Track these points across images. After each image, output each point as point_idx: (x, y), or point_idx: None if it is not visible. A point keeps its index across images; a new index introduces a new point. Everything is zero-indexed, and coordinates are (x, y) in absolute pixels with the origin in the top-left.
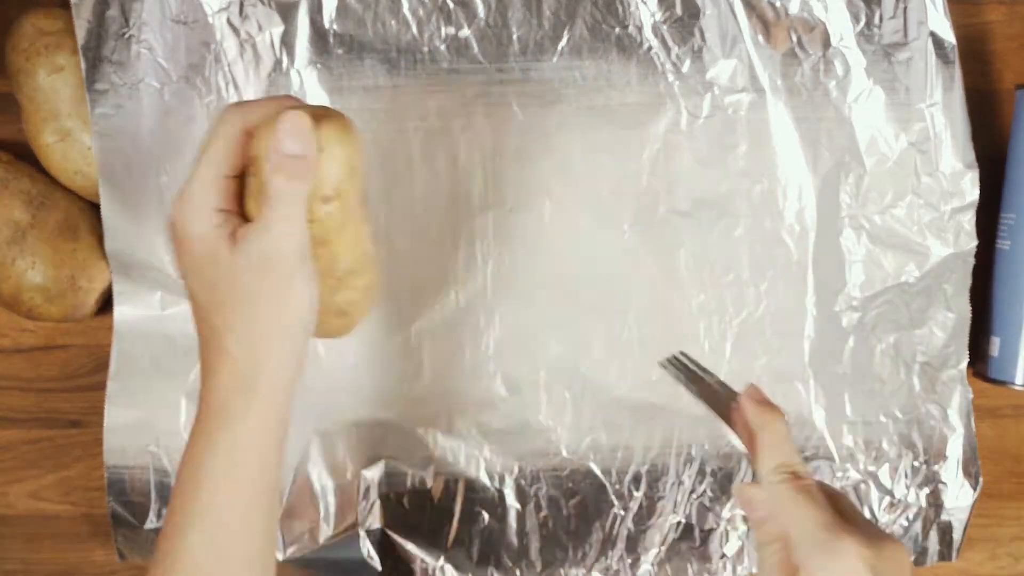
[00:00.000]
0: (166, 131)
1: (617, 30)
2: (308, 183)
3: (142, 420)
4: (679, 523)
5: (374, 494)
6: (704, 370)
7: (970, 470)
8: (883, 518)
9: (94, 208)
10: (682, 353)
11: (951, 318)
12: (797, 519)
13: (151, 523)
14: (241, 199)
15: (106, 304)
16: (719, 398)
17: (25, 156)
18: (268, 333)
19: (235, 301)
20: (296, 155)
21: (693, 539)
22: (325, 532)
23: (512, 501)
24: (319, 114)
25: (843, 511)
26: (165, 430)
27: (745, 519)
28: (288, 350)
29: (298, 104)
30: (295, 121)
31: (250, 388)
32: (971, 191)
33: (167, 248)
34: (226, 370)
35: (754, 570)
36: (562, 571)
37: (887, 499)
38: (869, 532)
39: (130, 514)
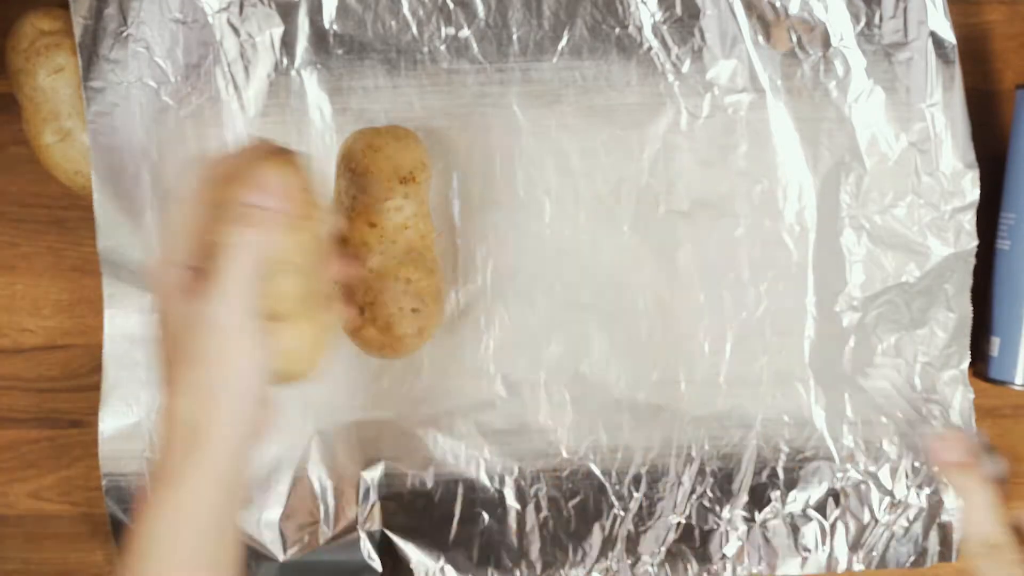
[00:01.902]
0: (163, 131)
1: (617, 30)
2: (267, 235)
3: (135, 425)
4: (679, 524)
5: (374, 495)
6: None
7: None
8: (883, 518)
9: None
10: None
11: (952, 318)
12: None
13: None
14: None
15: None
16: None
17: (25, 156)
18: (211, 394)
19: (183, 358)
20: (256, 205)
21: (693, 540)
22: (325, 533)
23: (512, 502)
24: (269, 158)
25: None
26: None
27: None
28: (234, 411)
29: (256, 144)
30: (255, 174)
31: (192, 450)
32: (971, 191)
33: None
34: (171, 429)
35: (754, 570)
36: (562, 572)
37: (887, 499)
38: None
39: (130, 520)
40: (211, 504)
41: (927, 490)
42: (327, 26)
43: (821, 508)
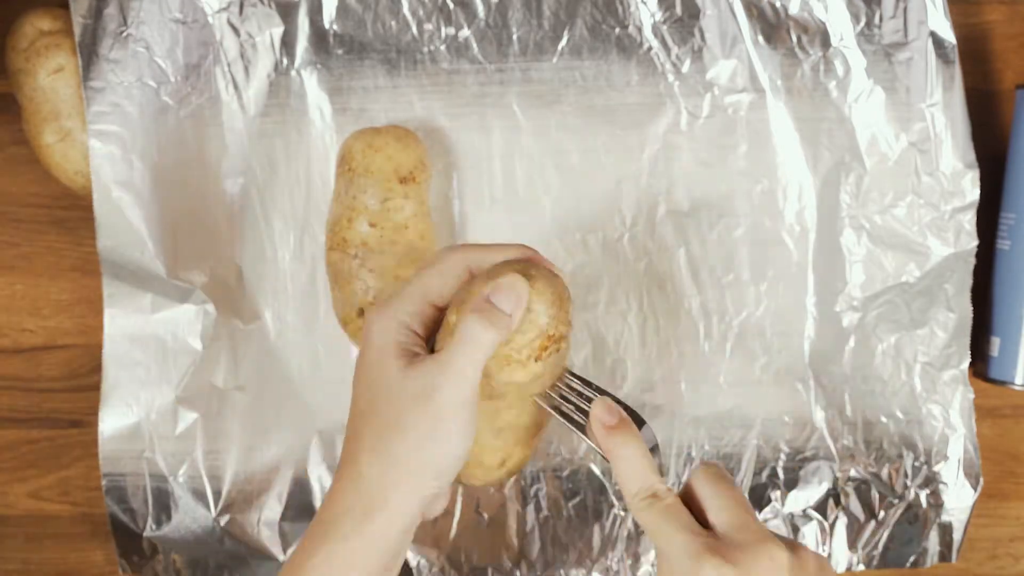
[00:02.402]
0: (163, 131)
1: (617, 30)
2: (501, 338)
3: (135, 426)
4: None
5: None
6: (584, 385)
7: (970, 470)
8: (883, 518)
9: None
10: (569, 373)
11: (952, 318)
12: (662, 547)
13: (150, 530)
14: (435, 334)
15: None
16: (582, 417)
17: (25, 156)
18: (406, 467)
19: (386, 422)
20: (501, 309)
21: None
22: None
23: (512, 502)
24: (538, 276)
25: (729, 515)
26: (160, 435)
27: None
28: (418, 490)
29: (528, 257)
30: (516, 280)
31: (366, 513)
32: (971, 191)
33: (160, 250)
34: (351, 486)
35: None
36: (562, 572)
37: (887, 499)
38: (738, 545)
39: (130, 521)
40: (367, 565)
41: (927, 490)
42: (327, 26)
43: (821, 508)
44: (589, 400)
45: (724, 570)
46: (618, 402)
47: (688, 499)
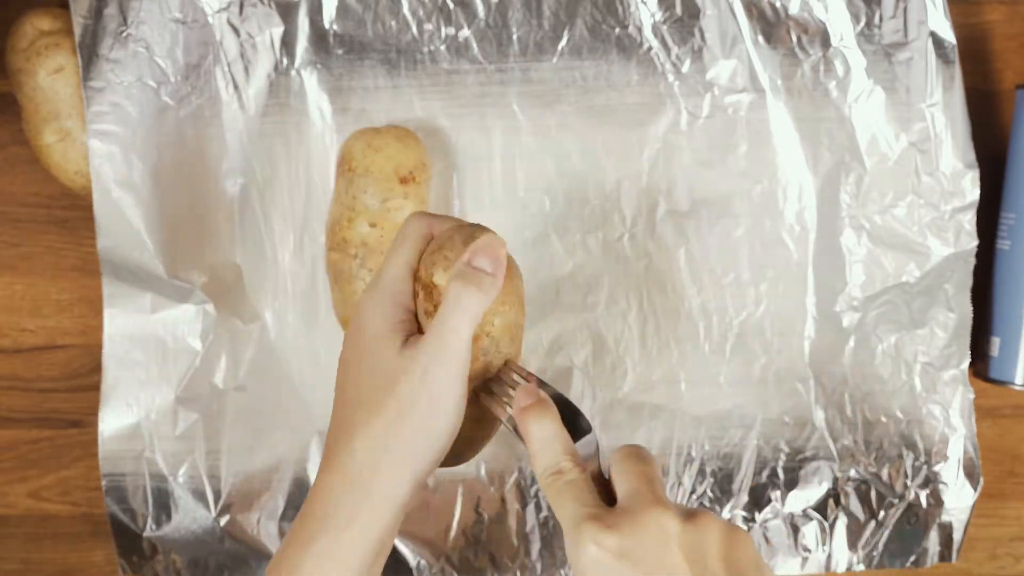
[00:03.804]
0: (163, 131)
1: (617, 30)
2: (489, 299)
3: (135, 426)
4: None
5: None
6: (524, 377)
7: (971, 470)
8: (883, 518)
9: None
10: (505, 364)
11: (952, 318)
12: (559, 520)
13: (150, 530)
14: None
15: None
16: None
17: (25, 156)
18: (405, 448)
19: (384, 406)
20: (484, 270)
21: None
22: None
23: (512, 502)
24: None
25: (621, 491)
26: (160, 435)
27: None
28: (410, 471)
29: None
30: (492, 240)
31: (360, 498)
32: (971, 191)
33: (160, 250)
34: (340, 471)
35: None
36: (562, 572)
37: (887, 499)
38: (625, 512)
39: (130, 521)
40: (361, 558)
41: (927, 490)
42: (327, 26)
43: (821, 508)
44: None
45: (601, 536)
46: (562, 399)
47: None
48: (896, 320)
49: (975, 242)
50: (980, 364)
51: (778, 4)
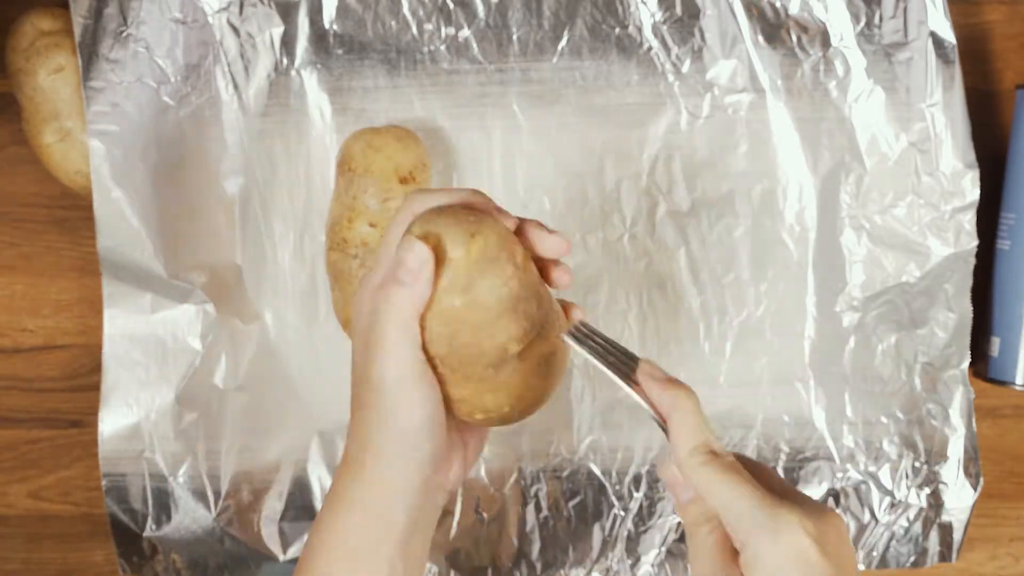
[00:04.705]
0: (163, 131)
1: (617, 30)
2: (418, 296)
3: (135, 426)
4: (679, 524)
5: None
6: (607, 340)
7: (971, 470)
8: (883, 518)
9: None
10: (583, 324)
11: (952, 318)
12: (731, 500)
13: (150, 530)
14: None
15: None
16: (626, 370)
17: (25, 156)
18: (378, 438)
19: (354, 397)
20: (409, 267)
21: None
22: None
23: (512, 502)
24: (458, 217)
25: (772, 484)
26: (160, 435)
27: None
28: (397, 453)
29: (468, 199)
30: (409, 243)
31: (356, 482)
32: (971, 191)
33: (160, 250)
34: (346, 453)
35: None
36: (562, 572)
37: (888, 499)
38: (805, 504)
39: (130, 521)
40: (368, 533)
41: (927, 490)
42: (327, 26)
43: None
44: (613, 351)
45: (806, 522)
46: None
47: None
48: (896, 320)
49: (975, 242)
50: (980, 364)
51: (778, 4)
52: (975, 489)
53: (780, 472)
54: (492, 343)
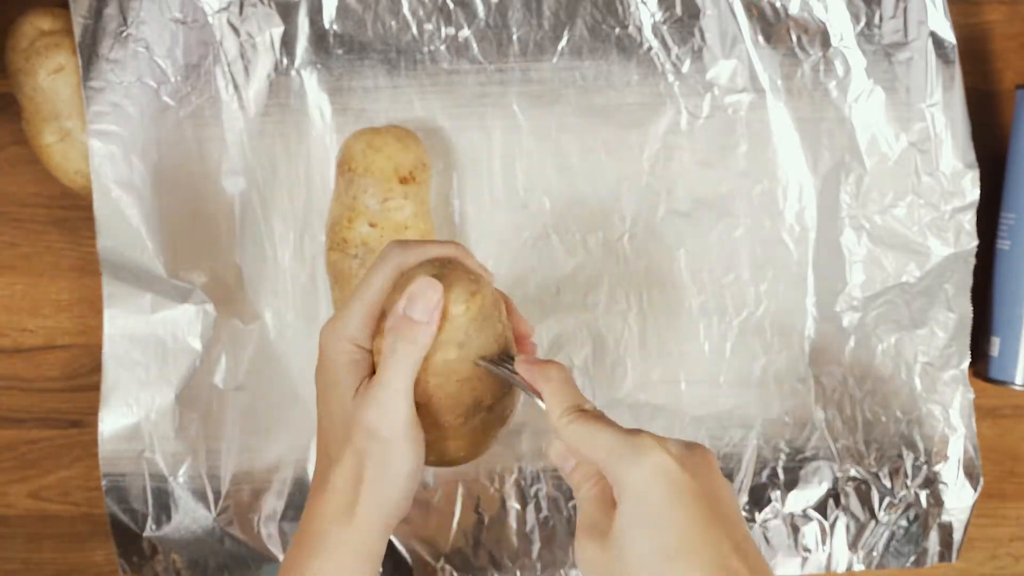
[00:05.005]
0: (163, 131)
1: (617, 30)
2: (422, 349)
3: (135, 426)
4: None
5: None
6: (507, 358)
7: (971, 470)
8: (883, 518)
9: None
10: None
11: (952, 318)
12: (598, 444)
13: (150, 530)
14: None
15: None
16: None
17: (25, 156)
18: (371, 480)
19: (343, 438)
20: (417, 320)
21: None
22: None
23: (512, 502)
24: (458, 274)
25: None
26: (160, 435)
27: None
28: (387, 497)
29: (453, 255)
30: (425, 286)
31: (345, 522)
32: (971, 191)
33: (160, 250)
34: (327, 498)
35: None
36: (562, 572)
37: (887, 499)
38: (674, 440)
39: (130, 521)
40: (356, 568)
41: (927, 490)
42: (327, 26)
43: (821, 508)
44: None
45: (664, 442)
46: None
47: None
48: (896, 320)
49: (975, 242)
50: (980, 364)
51: (778, 4)
52: (975, 489)
53: (780, 472)
54: (472, 396)
